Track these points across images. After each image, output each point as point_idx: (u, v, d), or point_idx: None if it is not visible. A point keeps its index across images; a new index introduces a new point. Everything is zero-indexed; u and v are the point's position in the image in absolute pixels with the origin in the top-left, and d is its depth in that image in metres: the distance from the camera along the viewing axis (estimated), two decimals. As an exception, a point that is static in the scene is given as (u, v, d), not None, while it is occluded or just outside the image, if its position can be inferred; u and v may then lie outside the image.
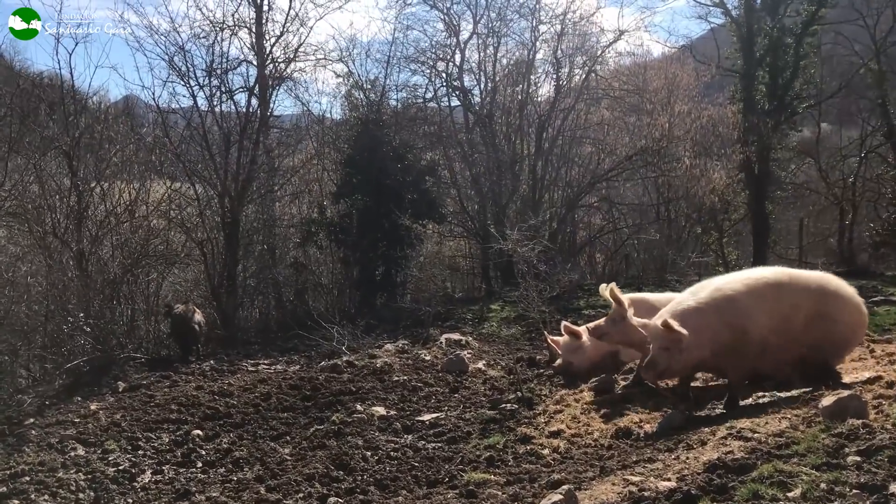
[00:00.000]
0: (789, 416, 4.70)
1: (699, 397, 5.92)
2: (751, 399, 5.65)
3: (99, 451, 5.90)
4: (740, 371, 5.62)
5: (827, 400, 4.49)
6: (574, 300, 12.53)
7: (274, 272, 13.65)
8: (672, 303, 5.81)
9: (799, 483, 3.50)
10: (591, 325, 6.42)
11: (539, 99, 18.31)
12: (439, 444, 5.67)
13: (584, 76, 17.32)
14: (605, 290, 6.28)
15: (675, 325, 5.20)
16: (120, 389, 7.75)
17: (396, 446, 5.67)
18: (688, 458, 4.27)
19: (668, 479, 3.93)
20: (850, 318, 5.72)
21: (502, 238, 7.92)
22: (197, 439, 6.11)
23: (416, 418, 6.41)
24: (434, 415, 6.45)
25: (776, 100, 20.76)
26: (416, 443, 5.80)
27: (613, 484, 4.05)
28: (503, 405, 6.48)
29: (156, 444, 6.04)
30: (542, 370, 7.74)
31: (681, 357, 5.32)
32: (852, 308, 5.76)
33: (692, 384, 6.08)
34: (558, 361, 7.55)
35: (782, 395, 5.54)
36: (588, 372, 7.28)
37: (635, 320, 5.85)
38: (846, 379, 5.67)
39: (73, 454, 5.83)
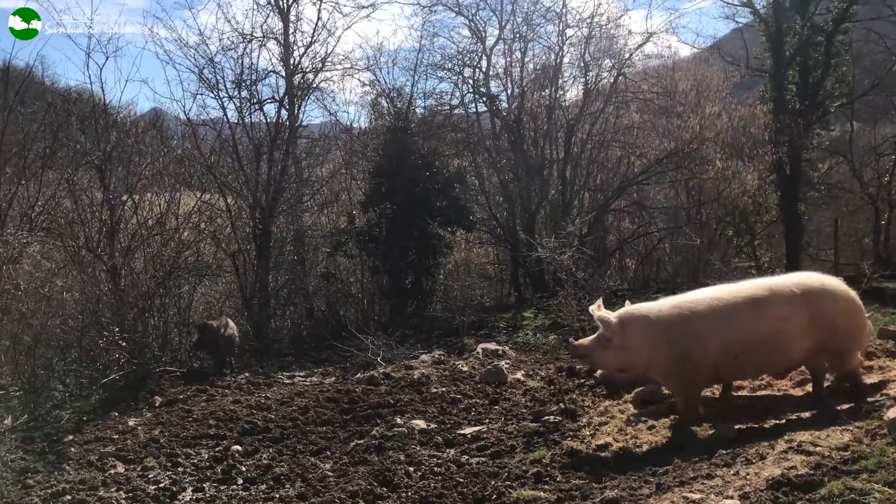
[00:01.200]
0: (851, 428, 4.53)
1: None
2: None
3: (139, 469, 5.84)
4: (683, 393, 5.54)
5: (893, 412, 4.31)
6: (609, 307, 12.30)
7: (304, 282, 13.60)
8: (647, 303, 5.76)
9: (873, 502, 3.34)
10: (575, 343, 5.96)
11: (567, 103, 18.15)
12: (483, 459, 5.55)
13: (612, 79, 17.13)
14: (594, 310, 5.77)
15: (611, 319, 5.34)
16: (157, 404, 7.70)
17: (439, 461, 5.56)
18: (748, 473, 4.12)
19: (731, 497, 3.78)
20: (845, 308, 5.46)
21: (538, 245, 7.77)
22: (236, 455, 6.04)
23: (458, 431, 6.29)
24: (475, 428, 6.33)
25: (807, 99, 20.41)
26: (459, 457, 5.68)
27: (672, 502, 3.91)
28: (546, 417, 6.35)
29: (195, 461, 5.97)
30: (582, 380, 7.58)
31: (607, 354, 5.40)
32: (845, 300, 5.51)
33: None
34: (599, 371, 7.40)
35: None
36: (630, 382, 7.13)
37: (601, 312, 5.64)
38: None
39: (113, 472, 5.78)
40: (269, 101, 13.65)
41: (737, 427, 5.24)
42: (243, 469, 5.76)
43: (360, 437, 6.24)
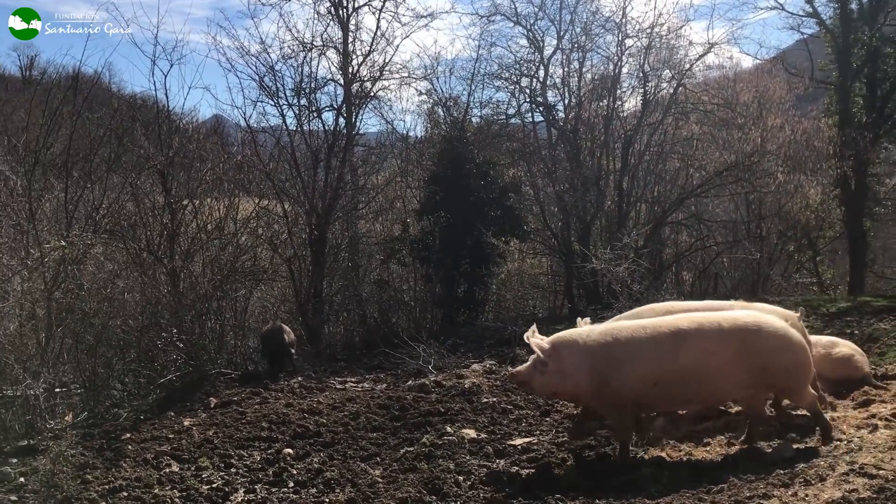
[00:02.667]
0: (916, 451, 4.37)
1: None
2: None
3: (193, 468, 5.93)
4: (613, 417, 5.68)
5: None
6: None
7: (358, 289, 13.71)
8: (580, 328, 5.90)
9: (938, 528, 3.21)
10: (513, 371, 5.93)
11: (625, 114, 17.98)
12: (533, 471, 5.49)
13: (671, 90, 16.91)
14: (528, 336, 5.73)
15: (545, 345, 5.49)
16: (211, 405, 7.83)
17: (489, 471, 5.53)
18: (807, 495, 4.00)
19: (789, 519, 3.67)
20: (777, 345, 5.32)
21: (594, 256, 7.69)
22: (288, 458, 6.09)
23: (508, 442, 6.25)
24: (526, 439, 6.28)
25: (874, 112, 19.85)
26: (509, 468, 5.64)
27: (728, 522, 3.82)
28: (598, 430, 6.26)
29: (248, 462, 6.04)
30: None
31: (543, 379, 5.52)
32: (778, 337, 5.34)
33: None
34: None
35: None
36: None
37: (535, 339, 5.66)
38: None
39: (167, 470, 5.88)
40: (327, 108, 13.85)
41: (795, 447, 5.09)
42: (294, 472, 5.80)
43: (410, 445, 6.25)
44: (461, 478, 5.41)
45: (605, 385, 5.39)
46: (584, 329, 5.84)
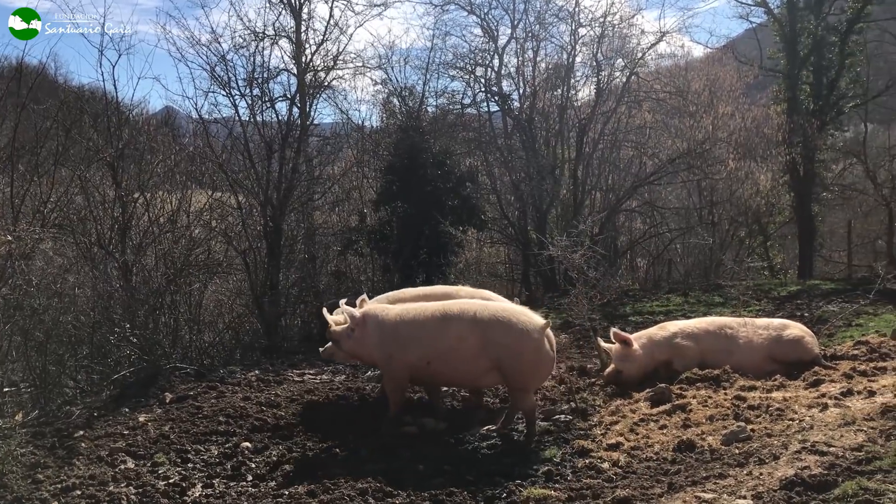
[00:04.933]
0: (865, 428, 4.48)
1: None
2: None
3: (149, 464, 5.82)
4: (390, 388, 6.41)
5: (908, 411, 4.26)
6: (620, 306, 12.30)
7: (316, 280, 13.61)
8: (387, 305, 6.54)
9: (887, 502, 3.29)
10: (332, 328, 6.44)
11: (579, 103, 18.13)
12: (494, 458, 5.52)
13: (624, 79, 17.07)
14: (343, 304, 6.55)
15: (355, 313, 6.21)
16: (167, 401, 7.68)
17: (449, 460, 5.53)
18: (761, 473, 4.08)
19: (744, 497, 3.74)
20: (513, 343, 5.81)
21: (550, 244, 7.74)
22: (246, 451, 6.02)
23: (468, 431, 6.26)
24: (486, 427, 6.29)
25: (821, 100, 20.29)
26: (469, 456, 5.65)
27: (685, 502, 3.87)
28: (557, 416, 6.32)
29: (205, 457, 5.95)
30: (593, 379, 7.55)
31: (349, 343, 6.26)
32: (516, 335, 5.82)
33: None
34: (608, 370, 7.38)
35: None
36: (639, 380, 7.12)
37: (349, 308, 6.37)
38: None
39: (123, 467, 5.77)
40: (280, 98, 13.68)
41: (750, 427, 5.19)
42: (252, 465, 5.74)
43: (371, 436, 6.21)
44: (421, 467, 5.41)
45: (390, 358, 6.11)
46: (386, 307, 6.43)
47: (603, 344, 7.59)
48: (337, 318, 7.00)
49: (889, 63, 21.74)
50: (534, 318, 6.01)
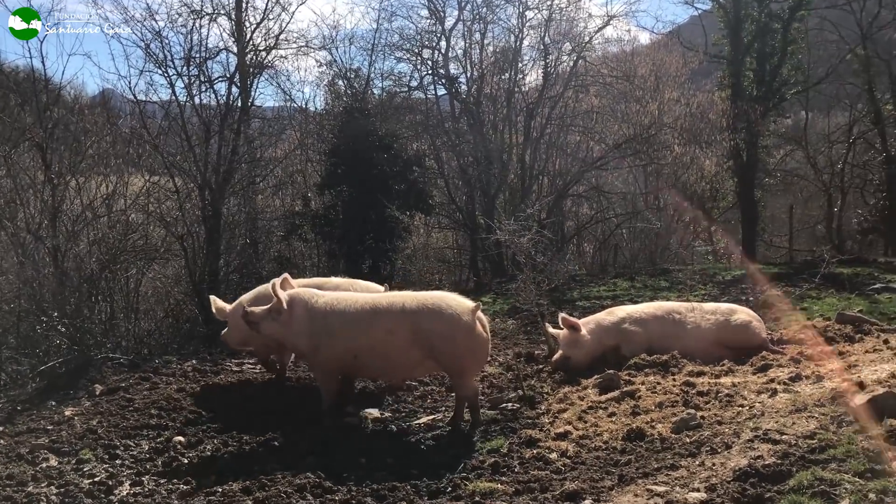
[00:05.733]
0: (816, 414, 4.39)
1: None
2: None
3: (73, 462, 5.47)
4: (320, 379, 6.21)
5: (860, 398, 4.18)
6: (567, 291, 12.21)
7: (258, 267, 13.23)
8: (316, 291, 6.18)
9: (844, 493, 3.19)
10: (249, 309, 6.10)
11: (526, 87, 17.98)
12: (439, 450, 5.32)
13: (572, 63, 16.98)
14: (271, 285, 6.13)
15: (282, 296, 5.84)
16: (97, 393, 7.31)
17: (393, 452, 5.31)
18: (714, 464, 3.95)
19: (697, 490, 3.60)
20: (445, 329, 5.66)
21: (497, 228, 7.55)
22: (178, 446, 5.70)
23: (413, 421, 6.06)
24: (431, 417, 6.10)
25: (764, 86, 20.51)
26: (413, 448, 5.44)
27: (636, 495, 3.72)
28: (504, 404, 6.15)
29: (135, 453, 5.62)
30: (541, 366, 7.40)
31: (272, 326, 5.90)
32: (448, 321, 5.68)
33: None
34: (556, 356, 7.24)
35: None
36: (587, 366, 6.99)
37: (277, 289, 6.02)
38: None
39: (44, 465, 5.41)
40: (220, 79, 13.24)
41: (700, 415, 5.08)
42: (185, 461, 5.43)
43: (310, 427, 5.96)
44: (363, 460, 5.18)
45: (317, 350, 5.86)
46: (316, 292, 6.08)
47: (551, 330, 7.44)
48: (223, 305, 7.37)
49: (829, 51, 22.05)
50: (463, 302, 5.83)
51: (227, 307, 7.42)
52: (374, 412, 6.28)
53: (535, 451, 4.96)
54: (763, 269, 14.86)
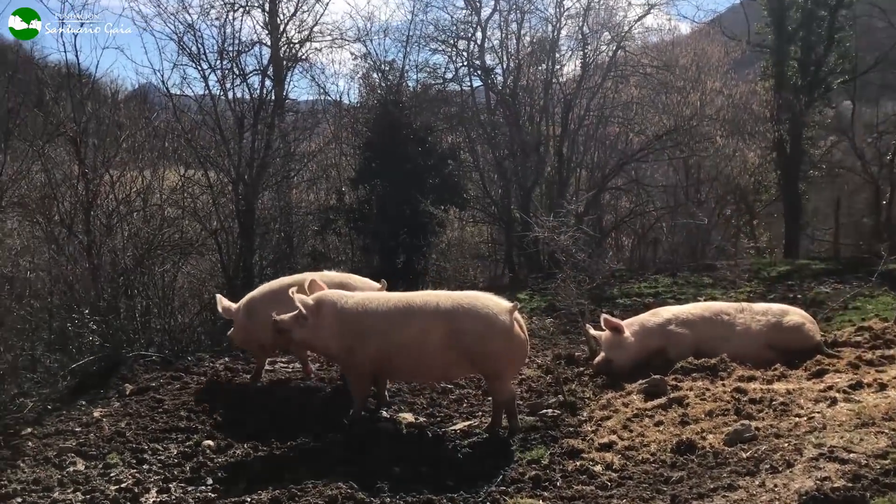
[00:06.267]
0: (886, 430, 4.06)
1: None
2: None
3: (100, 466, 5.33)
4: (353, 383, 5.99)
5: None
6: (607, 288, 11.86)
7: (292, 262, 13.09)
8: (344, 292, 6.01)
9: (928, 525, 2.87)
10: (279, 318, 5.88)
11: (564, 78, 17.59)
12: (476, 459, 5.07)
13: (611, 52, 16.54)
14: (293, 293, 5.90)
15: (308, 301, 5.69)
16: (127, 392, 7.18)
17: (428, 461, 5.08)
18: (776, 485, 3.64)
19: (760, 515, 3.31)
20: (482, 331, 5.39)
21: (535, 224, 7.27)
22: (208, 451, 5.53)
23: (449, 427, 5.82)
24: (467, 422, 5.85)
25: (809, 75, 19.89)
26: (450, 456, 5.20)
27: (692, 520, 3.44)
28: (544, 410, 5.88)
29: (162, 458, 5.46)
30: (582, 368, 7.12)
31: (302, 332, 5.75)
32: (485, 323, 5.41)
33: None
34: (598, 358, 6.95)
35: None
36: (631, 370, 6.70)
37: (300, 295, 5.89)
38: None
39: (71, 469, 5.27)
40: (253, 73, 13.09)
41: (754, 426, 4.77)
42: (214, 467, 5.25)
43: (343, 433, 5.75)
44: (398, 469, 4.96)
45: (350, 351, 5.66)
46: (345, 293, 5.93)
47: (592, 331, 7.15)
48: (228, 304, 7.25)
49: (877, 39, 21.31)
50: (500, 302, 5.59)
51: (233, 306, 7.31)
52: (409, 416, 6.06)
53: (578, 464, 4.69)
54: (810, 265, 14.39)
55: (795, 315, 6.97)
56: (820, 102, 20.59)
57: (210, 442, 5.70)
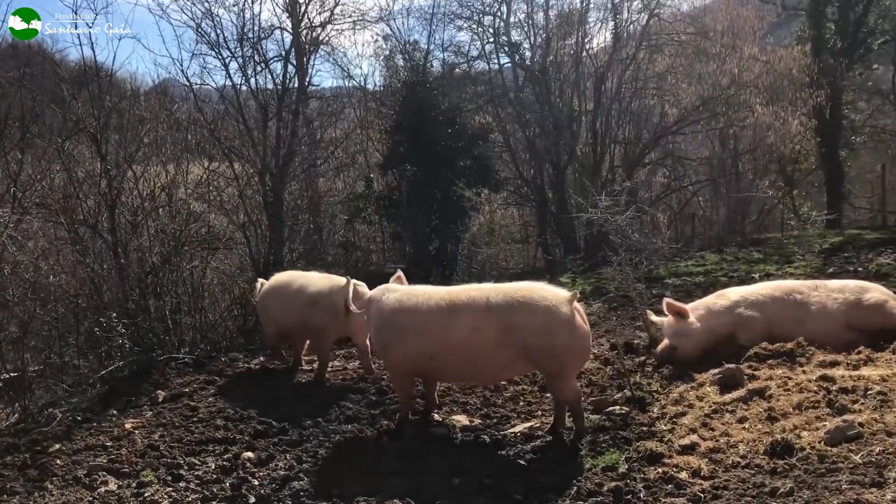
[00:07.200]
0: None
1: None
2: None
3: (134, 485, 4.92)
4: (394, 382, 5.85)
5: None
6: (653, 269, 11.30)
7: (323, 252, 12.68)
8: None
9: None
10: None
11: (594, 50, 16.96)
12: (542, 467, 4.60)
13: (644, 20, 15.87)
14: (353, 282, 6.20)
15: (364, 293, 5.92)
16: (159, 400, 6.78)
17: (489, 471, 4.61)
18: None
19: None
20: (543, 325, 4.90)
21: (587, 206, 6.75)
22: (248, 464, 5.11)
23: (507, 429, 5.34)
24: (528, 424, 5.37)
25: (848, 37, 19.09)
26: (512, 464, 4.73)
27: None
28: (610, 408, 5.37)
29: (200, 473, 5.04)
30: (643, 358, 6.61)
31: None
32: (544, 316, 4.91)
33: None
34: (661, 346, 6.44)
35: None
36: (697, 358, 6.17)
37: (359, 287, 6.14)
38: None
39: (102, 490, 4.86)
40: (275, 59, 12.62)
41: (857, 421, 4.23)
42: (256, 483, 4.83)
43: (392, 439, 5.30)
44: (456, 480, 4.50)
45: (386, 349, 5.41)
46: (390, 288, 5.62)
47: (653, 317, 6.63)
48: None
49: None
50: (558, 292, 5.08)
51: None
52: (463, 419, 5.59)
53: (660, 471, 4.19)
54: (862, 235, 13.73)
55: (876, 292, 6.37)
56: (860, 65, 19.79)
57: (250, 454, 5.28)
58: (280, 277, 7.69)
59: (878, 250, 11.76)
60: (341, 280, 6.79)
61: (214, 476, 4.97)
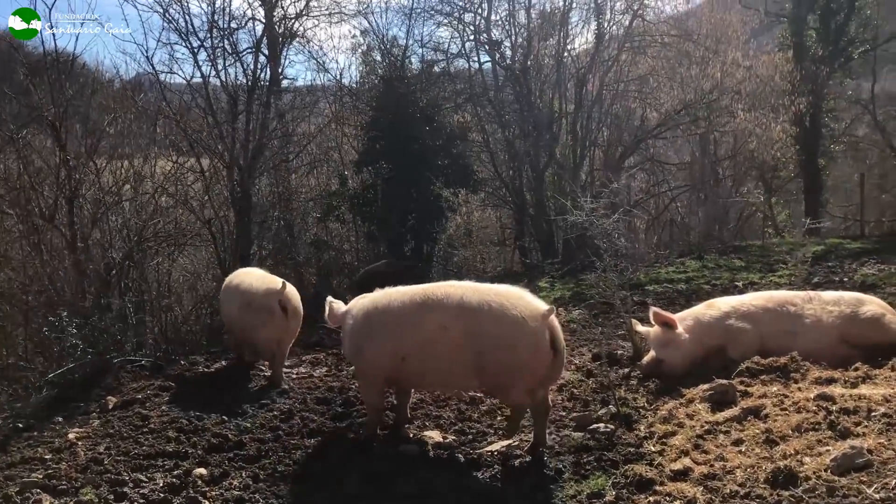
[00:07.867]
0: None
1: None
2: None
3: (72, 504, 4.46)
4: (363, 390, 5.45)
5: None
6: (633, 275, 10.97)
7: (293, 251, 12.21)
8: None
9: None
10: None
11: (576, 51, 16.64)
12: (523, 492, 4.20)
13: (628, 21, 15.57)
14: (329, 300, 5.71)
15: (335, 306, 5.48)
16: (109, 407, 6.29)
17: (466, 494, 4.21)
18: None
19: None
20: (502, 333, 4.59)
21: (573, 209, 6.38)
22: (199, 482, 4.66)
23: (483, 447, 4.94)
24: (506, 442, 4.95)
25: (829, 45, 18.98)
26: (488, 488, 4.33)
27: None
28: (594, 425, 4.99)
29: (146, 491, 4.57)
30: (627, 370, 6.25)
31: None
32: (509, 325, 4.59)
33: None
34: (647, 358, 6.08)
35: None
36: (685, 371, 5.83)
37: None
38: None
39: (35, 510, 4.40)
40: (247, 51, 12.10)
41: (864, 447, 3.89)
42: (206, 503, 4.40)
43: (359, 456, 4.88)
44: (428, 505, 4.10)
45: (359, 352, 5.12)
46: (376, 294, 5.28)
47: (638, 327, 6.27)
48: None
49: (898, 6, 20.37)
50: (533, 304, 4.74)
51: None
52: (436, 435, 5.17)
53: (651, 500, 3.81)
54: (844, 244, 13.53)
55: (873, 305, 6.06)
56: (840, 73, 19.69)
57: (202, 470, 4.82)
58: (232, 276, 7.57)
59: (861, 260, 11.56)
60: (278, 281, 6.67)
61: (161, 495, 4.50)
